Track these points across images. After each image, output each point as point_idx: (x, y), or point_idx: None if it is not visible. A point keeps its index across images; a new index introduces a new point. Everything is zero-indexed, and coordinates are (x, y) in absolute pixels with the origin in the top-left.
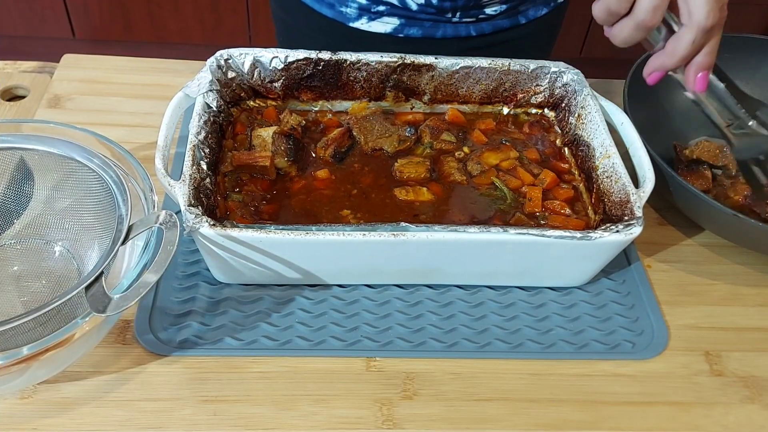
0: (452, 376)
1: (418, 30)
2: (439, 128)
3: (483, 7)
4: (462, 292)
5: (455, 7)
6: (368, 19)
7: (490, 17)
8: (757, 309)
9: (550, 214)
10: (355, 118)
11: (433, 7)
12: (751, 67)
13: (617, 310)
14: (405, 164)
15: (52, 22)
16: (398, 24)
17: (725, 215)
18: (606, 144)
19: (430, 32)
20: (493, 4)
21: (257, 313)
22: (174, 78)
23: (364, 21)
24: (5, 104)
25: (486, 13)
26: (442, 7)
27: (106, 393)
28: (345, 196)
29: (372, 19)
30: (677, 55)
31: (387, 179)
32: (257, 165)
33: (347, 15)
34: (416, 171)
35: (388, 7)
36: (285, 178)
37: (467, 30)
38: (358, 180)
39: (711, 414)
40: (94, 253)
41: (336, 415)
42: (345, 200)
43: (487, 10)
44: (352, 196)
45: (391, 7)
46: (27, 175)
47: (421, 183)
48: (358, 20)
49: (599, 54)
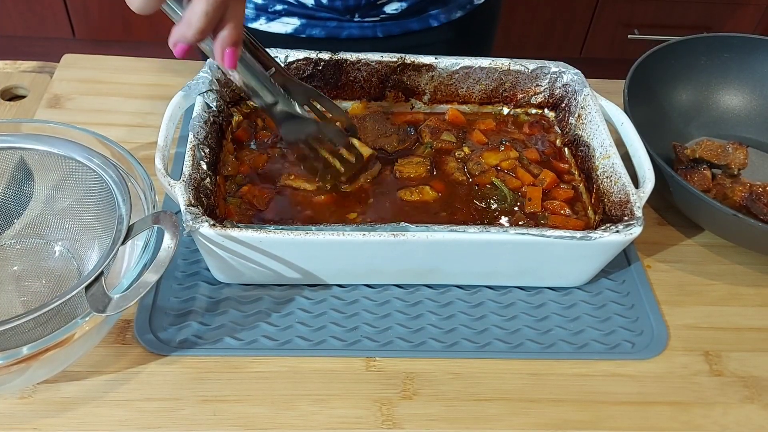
0: (452, 376)
1: (321, 30)
2: (439, 128)
3: (381, 6)
4: (462, 292)
5: (348, 6)
6: (267, 20)
7: (393, 17)
8: (756, 309)
9: (550, 215)
10: (355, 119)
11: (325, 7)
12: (751, 67)
13: (617, 310)
14: (405, 164)
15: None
16: (299, 24)
17: (725, 215)
18: (606, 144)
19: (335, 33)
20: (390, 1)
21: (257, 313)
22: (174, 78)
23: (263, 21)
24: (5, 104)
25: (387, 13)
26: (335, 6)
27: (105, 393)
28: (346, 198)
29: (271, 19)
30: (193, 26)
31: (389, 180)
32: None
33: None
34: (416, 171)
35: (285, 6)
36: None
37: (374, 31)
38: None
39: (710, 414)
40: (94, 253)
41: (336, 415)
42: (349, 205)
43: (386, 9)
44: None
45: (288, 5)
46: (27, 174)
47: (423, 182)
48: (256, 21)
49: (599, 54)
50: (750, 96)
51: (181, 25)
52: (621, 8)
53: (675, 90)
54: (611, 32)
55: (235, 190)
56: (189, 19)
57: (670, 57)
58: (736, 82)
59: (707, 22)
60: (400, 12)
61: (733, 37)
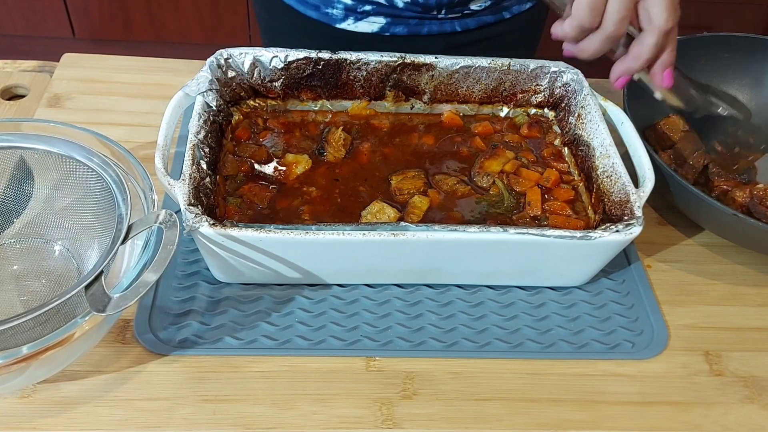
0: (452, 376)
1: (404, 28)
2: None
3: (468, 3)
4: (462, 291)
5: (440, 4)
6: (354, 20)
7: (474, 13)
8: (756, 309)
9: (551, 215)
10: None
11: (419, 5)
12: (751, 67)
13: (617, 310)
14: (401, 181)
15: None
16: (384, 23)
17: (725, 215)
18: (606, 144)
19: (416, 30)
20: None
21: (257, 312)
22: (174, 77)
23: (351, 22)
24: (5, 103)
25: (471, 9)
26: (428, 4)
27: (105, 392)
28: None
29: (358, 19)
30: (642, 58)
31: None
32: None
33: (333, 16)
34: (414, 185)
35: (374, 6)
36: (285, 188)
37: (452, 26)
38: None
39: (710, 414)
40: (93, 253)
41: (336, 415)
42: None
43: (472, 6)
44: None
45: (377, 6)
46: (27, 174)
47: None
48: (345, 21)
49: None
50: (750, 96)
51: (626, 59)
52: None
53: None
54: None
55: (234, 190)
56: (639, 54)
57: None
58: (736, 82)
59: (707, 22)
60: (482, 9)
61: (733, 37)
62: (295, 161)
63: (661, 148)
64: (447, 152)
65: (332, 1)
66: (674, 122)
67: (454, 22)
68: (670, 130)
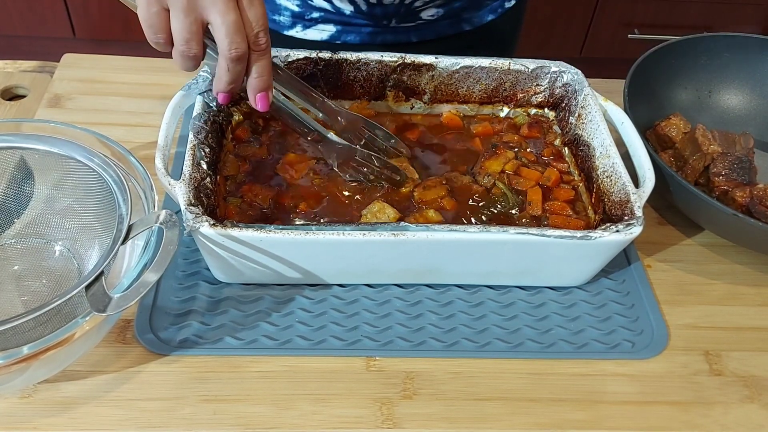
0: (452, 376)
1: (356, 36)
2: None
3: (418, 12)
4: (462, 291)
5: (387, 13)
6: (303, 27)
7: (429, 22)
8: (756, 309)
9: (551, 215)
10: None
11: (363, 13)
12: (751, 67)
13: (617, 310)
14: (423, 193)
15: (52, 21)
16: (335, 31)
17: (725, 215)
18: (606, 144)
19: (369, 39)
20: (427, 8)
21: (257, 312)
22: (174, 77)
23: (299, 29)
24: (5, 104)
25: (423, 18)
26: (374, 13)
27: (106, 392)
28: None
29: (307, 26)
30: (222, 81)
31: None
32: None
33: (280, 23)
34: (438, 194)
35: (322, 14)
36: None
37: (407, 36)
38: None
39: (710, 413)
40: (94, 253)
41: (336, 415)
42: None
43: (423, 15)
44: None
45: (325, 13)
46: (27, 174)
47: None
48: (293, 28)
49: (599, 54)
50: (750, 96)
51: (215, 80)
52: (621, 8)
53: (675, 90)
54: (611, 32)
55: (235, 190)
56: (219, 75)
57: (670, 57)
58: (736, 82)
59: (707, 22)
60: (436, 18)
61: (733, 37)
62: (296, 161)
63: (661, 149)
64: (448, 149)
65: (279, 8)
66: (675, 123)
67: (409, 32)
68: (671, 131)
